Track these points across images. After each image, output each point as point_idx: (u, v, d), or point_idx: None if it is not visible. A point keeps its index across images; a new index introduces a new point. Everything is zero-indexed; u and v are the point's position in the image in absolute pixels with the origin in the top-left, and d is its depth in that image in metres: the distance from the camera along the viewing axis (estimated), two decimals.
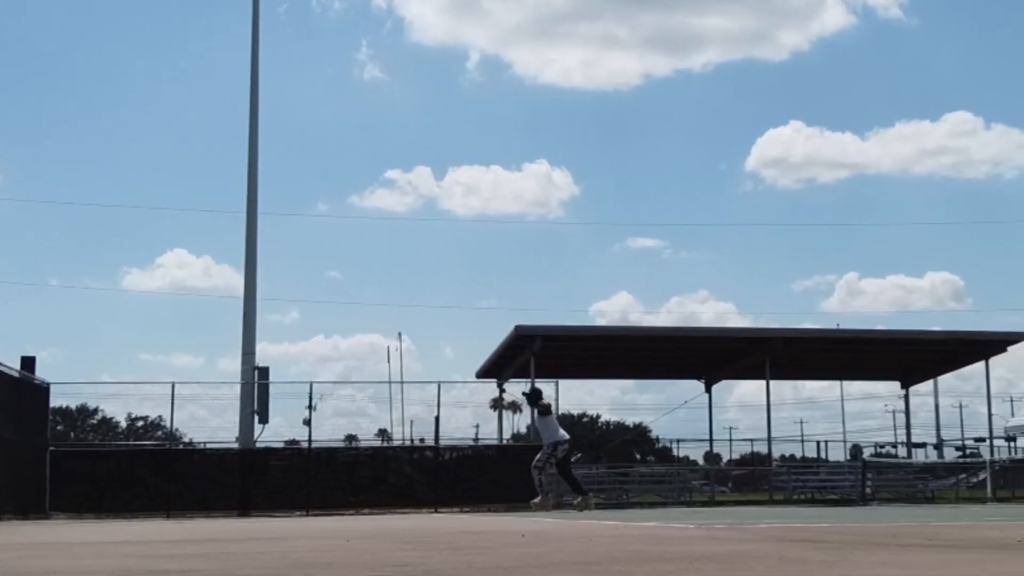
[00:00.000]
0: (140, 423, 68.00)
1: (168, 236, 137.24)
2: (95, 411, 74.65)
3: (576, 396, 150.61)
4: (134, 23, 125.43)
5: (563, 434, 23.34)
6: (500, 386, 44.43)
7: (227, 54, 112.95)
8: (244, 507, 27.54)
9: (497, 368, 42.11)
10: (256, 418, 30.09)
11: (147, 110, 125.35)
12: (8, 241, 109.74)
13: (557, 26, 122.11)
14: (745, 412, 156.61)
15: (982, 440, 48.73)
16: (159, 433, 61.74)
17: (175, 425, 31.72)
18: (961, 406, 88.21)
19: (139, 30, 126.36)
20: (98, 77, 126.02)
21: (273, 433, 56.30)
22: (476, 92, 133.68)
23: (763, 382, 40.71)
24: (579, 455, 60.66)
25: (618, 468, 44.87)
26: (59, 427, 62.84)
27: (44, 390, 27.15)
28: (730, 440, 62.61)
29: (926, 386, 45.79)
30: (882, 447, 58.33)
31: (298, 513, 26.87)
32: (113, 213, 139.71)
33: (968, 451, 50.95)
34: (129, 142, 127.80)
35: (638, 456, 70.50)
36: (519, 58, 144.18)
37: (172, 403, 29.61)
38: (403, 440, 41.65)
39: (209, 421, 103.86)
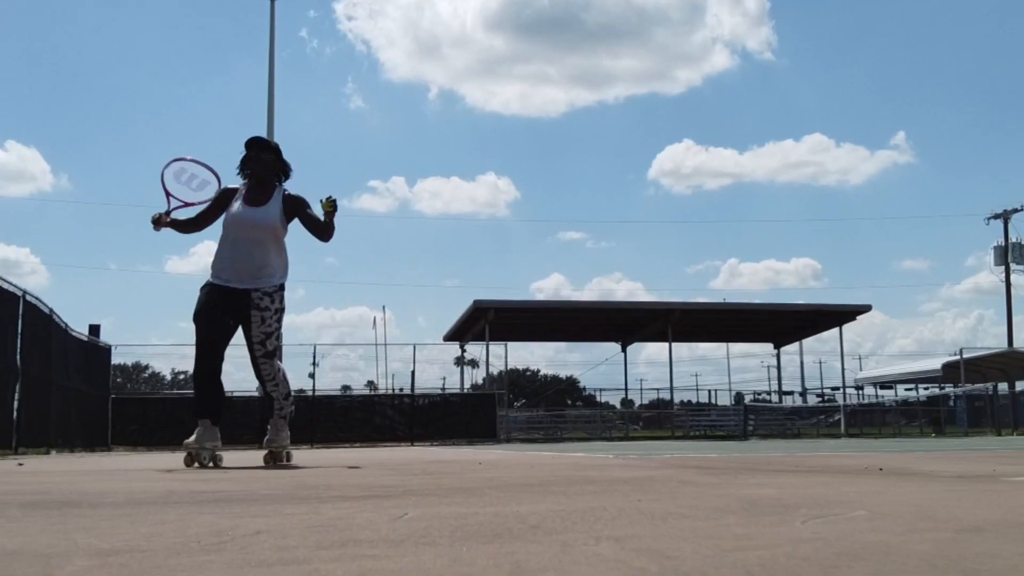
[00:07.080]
0: (181, 376, 67.29)
1: (201, 232, 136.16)
2: (146, 367, 73.82)
3: (520, 355, 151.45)
4: (175, 61, 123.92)
5: None
6: (462, 347, 44.46)
7: (242, 88, 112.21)
8: (263, 442, 27.46)
9: (459, 333, 42.15)
10: None
11: (185, 132, 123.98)
12: (78, 234, 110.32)
13: (499, 67, 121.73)
14: (652, 367, 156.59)
15: (837, 389, 49.00)
16: None
17: None
18: (821, 362, 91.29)
19: (179, 66, 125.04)
20: (152, 107, 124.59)
21: None
22: (437, 118, 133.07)
23: (666, 344, 40.92)
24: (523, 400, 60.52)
25: (553, 412, 44.97)
26: (118, 380, 62.00)
27: (107, 351, 26.93)
28: (641, 389, 62.46)
29: (793, 347, 46.11)
30: (759, 395, 58.43)
31: (304, 447, 26.77)
32: None
33: (826, 398, 51.22)
34: (171, 155, 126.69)
35: (569, 402, 70.38)
36: (469, 92, 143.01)
37: None
38: (387, 389, 41.54)
39: (235, 375, 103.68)
